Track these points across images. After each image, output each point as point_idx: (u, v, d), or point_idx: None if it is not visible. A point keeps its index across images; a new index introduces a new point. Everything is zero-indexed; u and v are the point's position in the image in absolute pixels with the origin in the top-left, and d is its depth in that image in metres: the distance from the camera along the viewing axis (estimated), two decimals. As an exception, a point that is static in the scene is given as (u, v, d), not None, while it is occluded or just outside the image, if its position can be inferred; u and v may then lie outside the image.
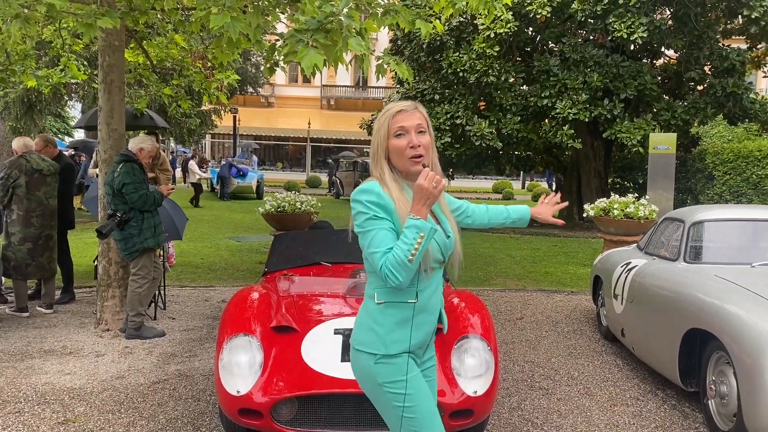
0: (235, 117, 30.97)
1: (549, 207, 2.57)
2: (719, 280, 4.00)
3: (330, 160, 31.53)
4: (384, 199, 1.99)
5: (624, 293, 5.11)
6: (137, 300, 5.37)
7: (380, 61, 5.19)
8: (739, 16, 13.87)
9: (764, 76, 18.87)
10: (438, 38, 14.11)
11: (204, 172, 21.16)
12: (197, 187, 19.38)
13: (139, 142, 5.57)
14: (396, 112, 2.06)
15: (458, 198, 2.54)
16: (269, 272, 4.60)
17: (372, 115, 18.54)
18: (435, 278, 2.09)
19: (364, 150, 41.84)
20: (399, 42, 16.35)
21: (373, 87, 43.37)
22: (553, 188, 25.05)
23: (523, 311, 6.81)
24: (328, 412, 3.09)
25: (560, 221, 2.61)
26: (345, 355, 3.22)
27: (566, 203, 2.75)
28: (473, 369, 3.20)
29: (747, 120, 14.94)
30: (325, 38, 3.52)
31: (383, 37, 28.71)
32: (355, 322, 2.12)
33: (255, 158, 21.82)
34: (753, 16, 12.49)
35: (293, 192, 8.88)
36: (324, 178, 31.98)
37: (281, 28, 7.32)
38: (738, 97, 13.60)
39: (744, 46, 15.53)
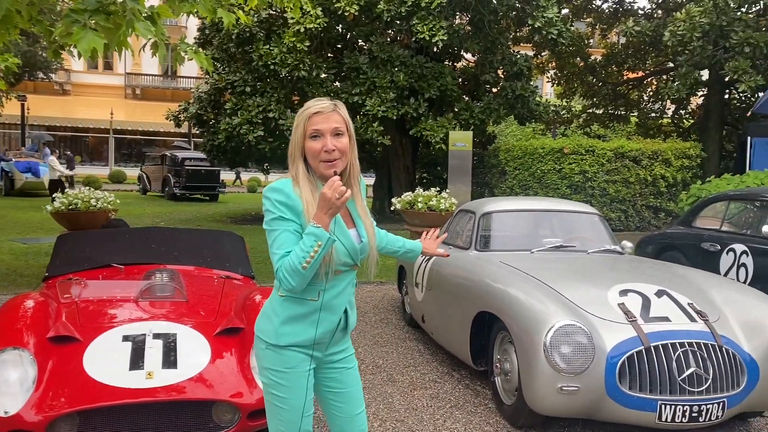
0: (23, 105, 27.83)
1: (433, 241, 2.64)
2: (504, 266, 4.34)
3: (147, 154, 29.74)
4: (292, 200, 1.99)
5: (424, 281, 5.37)
6: None
7: (177, 49, 4.94)
8: (526, 25, 15.26)
9: (548, 81, 21.01)
10: (247, 30, 13.81)
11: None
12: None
13: None
14: (313, 114, 2.03)
15: None
16: (51, 277, 4.17)
17: (179, 105, 17.69)
18: (343, 280, 2.10)
19: (175, 143, 39.92)
20: (207, 31, 15.76)
21: (182, 76, 41.33)
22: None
23: (332, 304, 6.90)
24: (116, 426, 2.87)
25: (446, 253, 2.75)
26: (136, 363, 3.01)
27: (446, 234, 2.91)
28: (273, 366, 3.14)
29: (533, 120, 16.51)
30: (106, 20, 3.24)
31: (193, 25, 27.53)
32: (261, 309, 2.17)
33: (47, 150, 19.74)
34: (536, 26, 13.80)
35: (88, 189, 8.16)
36: (129, 172, 29.97)
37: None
38: (525, 100, 14.99)
39: (531, 53, 17.17)
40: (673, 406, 3.22)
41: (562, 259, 4.61)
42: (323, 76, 14.51)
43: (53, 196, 10.52)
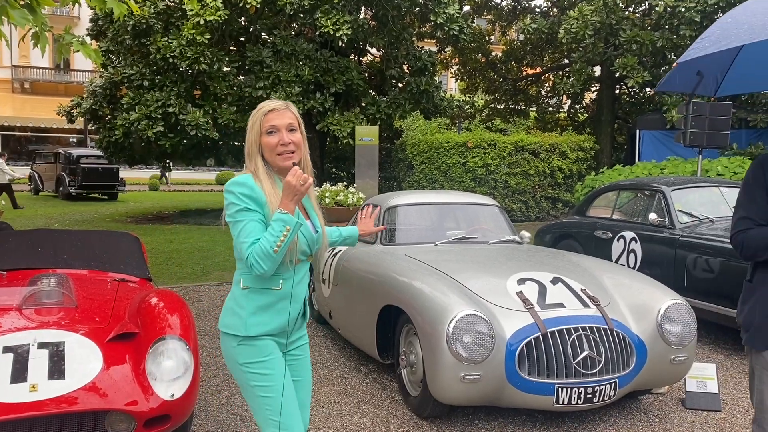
0: None
1: (368, 220, 2.83)
2: (408, 260, 4.38)
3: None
4: (256, 192, 2.12)
5: (330, 277, 5.34)
6: None
7: (62, 41, 4.65)
8: (429, 21, 15.50)
9: (452, 77, 21.45)
10: (144, 21, 13.24)
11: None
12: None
13: None
14: (268, 111, 2.18)
15: (179, 191, 2.44)
16: None
17: (72, 101, 16.74)
18: (301, 269, 2.23)
19: (71, 140, 37.77)
20: (100, 22, 14.99)
21: (76, 70, 39.13)
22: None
23: (239, 303, 6.74)
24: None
25: (382, 227, 3.09)
26: (18, 376, 2.81)
27: (377, 210, 3.11)
28: (170, 372, 3.02)
29: (438, 115, 16.81)
30: (-26, 7, 2.99)
31: (86, 16, 26.07)
32: (223, 307, 2.26)
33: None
34: (438, 22, 14.03)
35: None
36: (18, 171, 28.00)
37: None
38: (430, 95, 15.23)
39: (434, 49, 17.46)
40: (569, 389, 3.36)
41: (465, 251, 4.71)
42: (226, 69, 14.14)
43: None
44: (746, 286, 2.31)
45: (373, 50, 16.88)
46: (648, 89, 17.20)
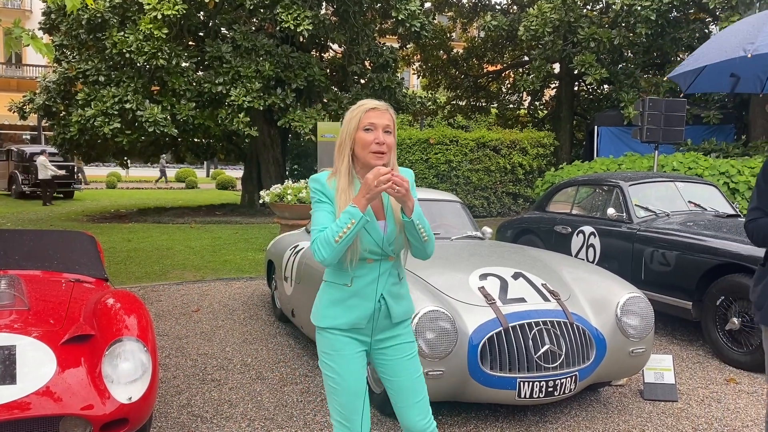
0: None
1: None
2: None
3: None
4: (326, 188, 2.24)
5: (293, 275, 5.29)
6: None
7: (11, 34, 4.50)
8: (391, 18, 15.50)
9: (414, 73, 21.50)
10: (99, 15, 12.90)
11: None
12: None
13: None
14: (370, 108, 2.22)
15: (138, 188, 2.38)
16: None
17: (24, 96, 16.24)
18: (375, 269, 2.25)
19: (24, 137, 36.66)
20: (53, 16, 14.57)
21: (29, 65, 37.96)
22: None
23: (200, 303, 6.64)
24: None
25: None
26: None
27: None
28: (128, 374, 2.95)
29: (401, 111, 16.84)
30: None
31: (39, 9, 25.31)
32: None
33: None
34: (400, 18, 14.04)
35: None
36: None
37: None
38: (392, 91, 15.24)
39: (396, 45, 17.47)
40: (530, 383, 3.39)
41: (427, 247, 4.71)
42: (184, 65, 13.90)
43: None
44: (759, 269, 2.53)
45: (335, 46, 16.81)
46: (605, 86, 17.52)
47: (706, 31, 14.45)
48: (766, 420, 2.71)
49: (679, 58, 16.17)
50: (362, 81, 16.01)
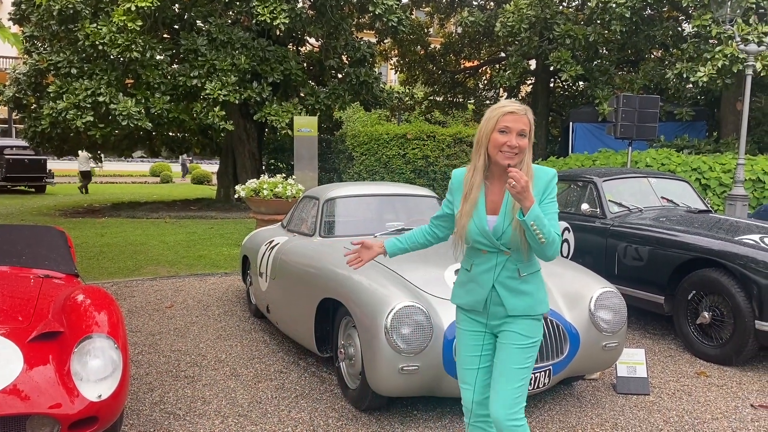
0: None
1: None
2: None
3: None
4: (456, 183, 2.54)
5: (268, 271, 5.25)
6: None
7: (-22, 23, 4.38)
8: (368, 12, 15.44)
9: (391, 68, 21.47)
10: (71, 6, 12.64)
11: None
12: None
13: None
14: (508, 112, 2.32)
15: (112, 183, 2.31)
16: None
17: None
18: (490, 260, 2.42)
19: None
20: (23, 6, 14.26)
21: (-2, 56, 37.20)
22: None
23: (174, 299, 6.56)
24: None
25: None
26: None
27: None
28: (98, 371, 2.89)
29: (378, 106, 16.81)
30: None
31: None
32: None
33: None
34: (377, 13, 13.98)
35: None
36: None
37: None
38: (370, 86, 15.19)
39: (373, 40, 17.42)
40: (505, 377, 3.39)
41: (403, 242, 4.69)
42: (159, 58, 13.69)
43: None
44: None
45: (312, 40, 16.70)
46: (580, 83, 17.67)
47: (680, 29, 14.64)
48: None
49: (652, 56, 16.37)
50: (339, 75, 15.93)
